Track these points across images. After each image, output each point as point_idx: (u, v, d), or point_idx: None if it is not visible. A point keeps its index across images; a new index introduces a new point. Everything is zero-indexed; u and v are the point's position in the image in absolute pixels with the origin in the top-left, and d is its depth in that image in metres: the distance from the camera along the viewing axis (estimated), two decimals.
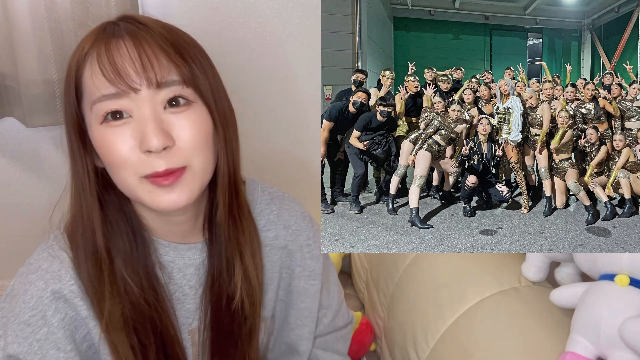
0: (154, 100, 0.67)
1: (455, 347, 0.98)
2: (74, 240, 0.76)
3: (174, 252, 0.81)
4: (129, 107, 0.67)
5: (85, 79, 0.69)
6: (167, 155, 0.67)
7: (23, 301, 0.73)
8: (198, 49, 0.74)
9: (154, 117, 0.66)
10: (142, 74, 0.66)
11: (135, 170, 0.68)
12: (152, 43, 0.67)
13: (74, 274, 0.75)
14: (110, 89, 0.66)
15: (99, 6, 1.39)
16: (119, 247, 0.76)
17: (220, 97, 0.74)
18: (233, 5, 1.59)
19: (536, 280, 1.01)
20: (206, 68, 0.73)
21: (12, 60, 1.39)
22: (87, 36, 0.71)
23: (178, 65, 0.68)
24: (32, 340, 0.72)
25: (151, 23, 0.70)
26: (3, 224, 1.62)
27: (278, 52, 1.66)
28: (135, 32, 0.68)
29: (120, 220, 0.77)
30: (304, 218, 0.93)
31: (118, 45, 0.67)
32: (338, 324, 1.02)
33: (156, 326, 0.78)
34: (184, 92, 0.69)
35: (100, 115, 0.67)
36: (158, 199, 0.69)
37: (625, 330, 0.72)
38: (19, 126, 1.52)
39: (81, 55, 0.69)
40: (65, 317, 0.74)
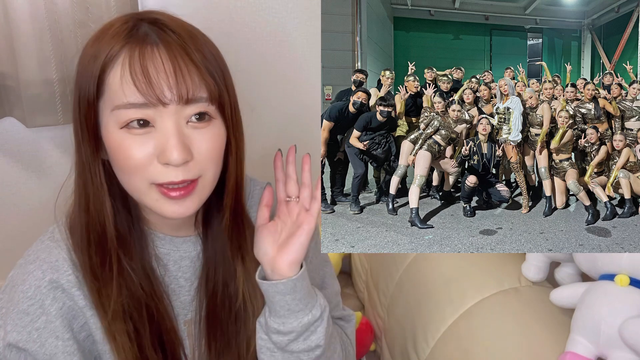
0: (179, 114, 0.67)
1: (455, 347, 0.98)
2: (75, 230, 0.76)
3: (170, 244, 0.83)
4: (153, 117, 0.67)
5: (110, 80, 0.67)
6: (185, 167, 0.68)
7: (21, 291, 0.74)
8: (222, 61, 0.73)
9: (178, 131, 0.67)
10: (174, 89, 0.66)
11: (147, 177, 0.68)
12: (185, 56, 0.67)
13: (72, 264, 0.76)
14: (139, 99, 0.65)
15: (99, 6, 1.39)
16: (122, 237, 0.77)
17: (236, 109, 0.75)
18: (233, 5, 1.59)
19: (536, 280, 1.01)
20: (228, 82, 0.73)
21: (12, 60, 1.40)
22: (113, 33, 0.68)
23: (208, 82, 0.68)
24: (31, 328, 0.73)
25: (180, 30, 0.69)
26: (3, 224, 1.62)
27: (278, 52, 1.66)
28: (169, 42, 0.67)
29: (123, 211, 0.78)
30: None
31: (152, 53, 0.66)
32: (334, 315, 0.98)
33: (152, 315, 0.79)
34: (209, 109, 0.70)
35: (122, 120, 0.67)
36: (164, 208, 0.71)
37: (625, 330, 0.72)
38: (19, 126, 1.52)
39: (110, 54, 0.67)
40: (63, 307, 0.75)
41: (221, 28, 1.60)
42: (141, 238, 0.80)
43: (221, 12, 1.58)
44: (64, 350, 0.74)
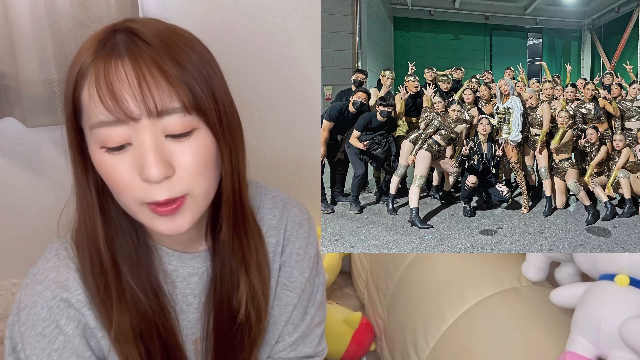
0: (154, 128, 0.63)
1: (455, 347, 0.98)
2: (80, 248, 0.75)
3: (178, 261, 0.80)
4: (129, 135, 0.63)
5: (83, 99, 0.65)
6: (168, 183, 0.65)
7: (34, 313, 0.72)
8: (206, 65, 0.68)
9: (155, 146, 0.63)
10: (141, 103, 0.61)
11: (135, 197, 0.66)
12: (153, 66, 0.62)
13: (82, 282, 0.74)
14: (109, 117, 0.62)
15: (99, 6, 1.39)
16: (124, 254, 0.75)
17: (227, 113, 0.70)
18: (233, 5, 1.59)
19: (536, 280, 1.01)
20: (215, 89, 0.68)
21: (12, 60, 1.39)
22: (87, 46, 0.66)
23: (179, 91, 0.63)
24: (50, 350, 0.71)
25: (154, 38, 0.64)
26: (3, 224, 1.62)
27: (278, 52, 1.66)
28: (134, 51, 0.63)
29: (125, 227, 0.75)
30: (302, 226, 0.90)
31: (117, 68, 0.62)
32: (303, 351, 0.91)
33: (160, 333, 0.77)
34: (185, 120, 0.64)
35: (99, 141, 0.64)
36: (158, 225, 0.68)
37: (625, 330, 0.72)
38: (18, 126, 1.52)
39: (80, 71, 0.65)
40: (79, 325, 0.73)
41: (221, 29, 1.60)
42: (147, 254, 0.77)
43: (221, 12, 1.58)
44: None
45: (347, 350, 1.41)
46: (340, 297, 1.67)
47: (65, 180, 0.77)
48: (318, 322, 0.93)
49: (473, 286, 1.04)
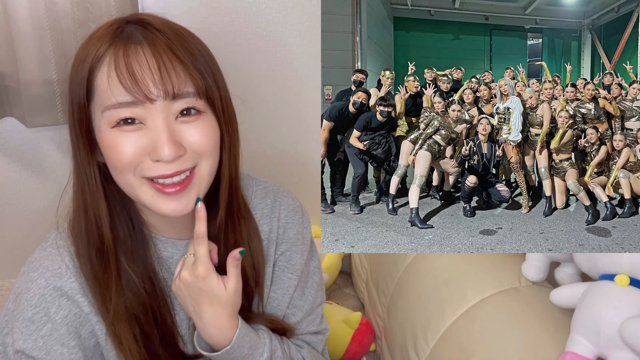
0: (168, 110, 0.68)
1: (455, 347, 0.98)
2: (76, 235, 0.77)
3: (173, 247, 0.83)
4: (143, 115, 0.67)
5: (98, 82, 0.68)
6: (178, 161, 0.69)
7: (26, 299, 0.74)
8: (210, 57, 0.74)
9: (167, 127, 0.67)
10: (159, 85, 0.66)
11: (139, 172, 0.69)
12: (170, 53, 0.67)
13: (75, 270, 0.76)
14: (127, 97, 0.66)
15: (99, 6, 1.39)
16: (121, 240, 0.77)
17: (227, 105, 0.75)
18: (233, 5, 1.59)
19: (536, 280, 1.01)
20: (218, 78, 0.73)
21: (12, 60, 1.39)
22: (99, 35, 0.70)
23: (194, 77, 0.69)
24: (37, 336, 0.73)
25: (166, 28, 0.70)
26: (3, 224, 1.62)
27: (278, 52, 1.66)
28: (153, 39, 0.68)
29: (122, 214, 0.78)
30: (295, 213, 0.93)
31: (137, 52, 0.67)
32: (307, 329, 0.96)
33: (156, 317, 0.79)
34: (197, 103, 0.70)
35: (112, 120, 0.67)
36: (161, 205, 0.71)
37: (625, 330, 0.72)
38: (18, 126, 1.52)
39: (96, 56, 0.68)
40: (69, 314, 0.75)
41: (220, 28, 1.60)
42: (142, 241, 0.80)
43: (220, 12, 1.58)
44: (69, 358, 0.74)
45: (347, 350, 1.41)
46: (340, 297, 1.67)
47: (65, 180, 0.77)
48: (319, 302, 0.97)
49: (473, 286, 1.04)
